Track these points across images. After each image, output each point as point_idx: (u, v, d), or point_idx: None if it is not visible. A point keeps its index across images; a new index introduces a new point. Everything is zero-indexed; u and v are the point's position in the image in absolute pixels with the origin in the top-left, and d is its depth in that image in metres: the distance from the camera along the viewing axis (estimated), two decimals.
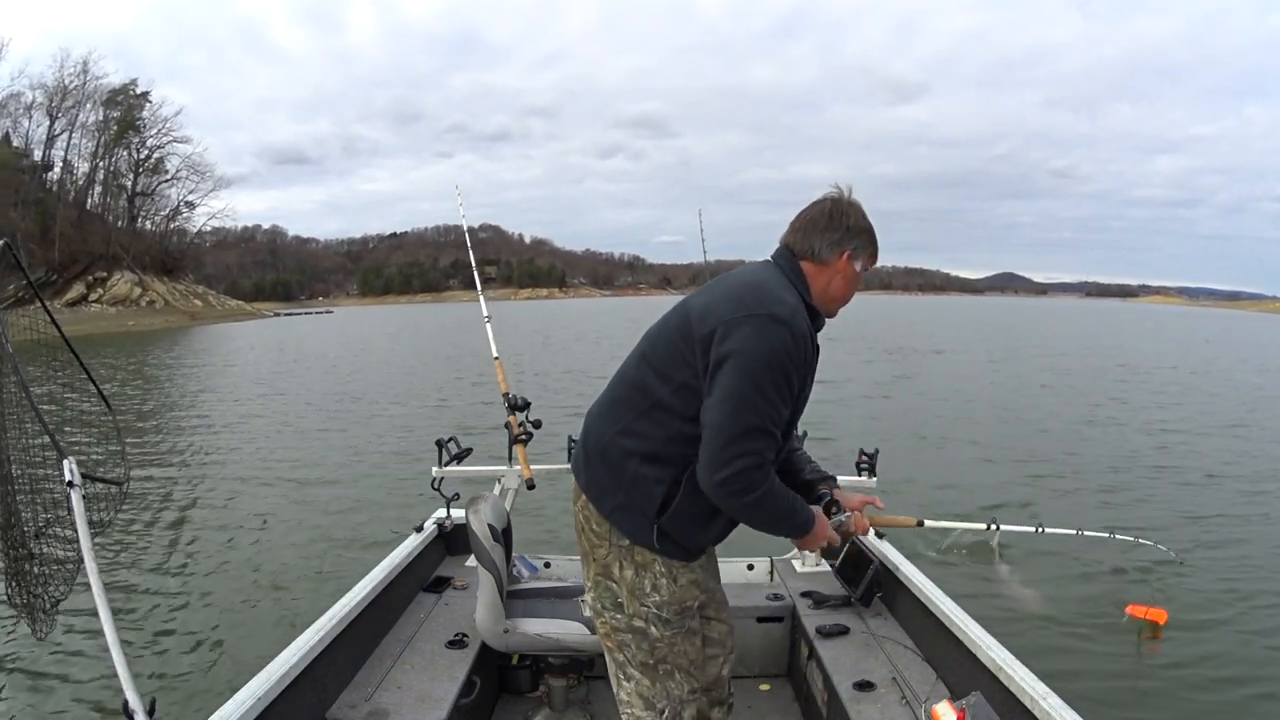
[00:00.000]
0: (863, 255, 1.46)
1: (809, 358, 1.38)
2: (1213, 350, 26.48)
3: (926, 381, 15.72)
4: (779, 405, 1.32)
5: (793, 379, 1.33)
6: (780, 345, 1.30)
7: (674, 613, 1.48)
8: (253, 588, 4.51)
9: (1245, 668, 3.62)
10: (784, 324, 1.31)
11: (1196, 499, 6.74)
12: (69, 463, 1.28)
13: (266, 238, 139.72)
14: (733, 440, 1.29)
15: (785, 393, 1.32)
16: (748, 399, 1.28)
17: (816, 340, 1.43)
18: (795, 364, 1.33)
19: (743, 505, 1.35)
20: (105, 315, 44.80)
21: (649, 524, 1.43)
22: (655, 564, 1.47)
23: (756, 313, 1.31)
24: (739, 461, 1.29)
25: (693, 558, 1.50)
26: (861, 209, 1.47)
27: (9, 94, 46.06)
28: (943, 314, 61.08)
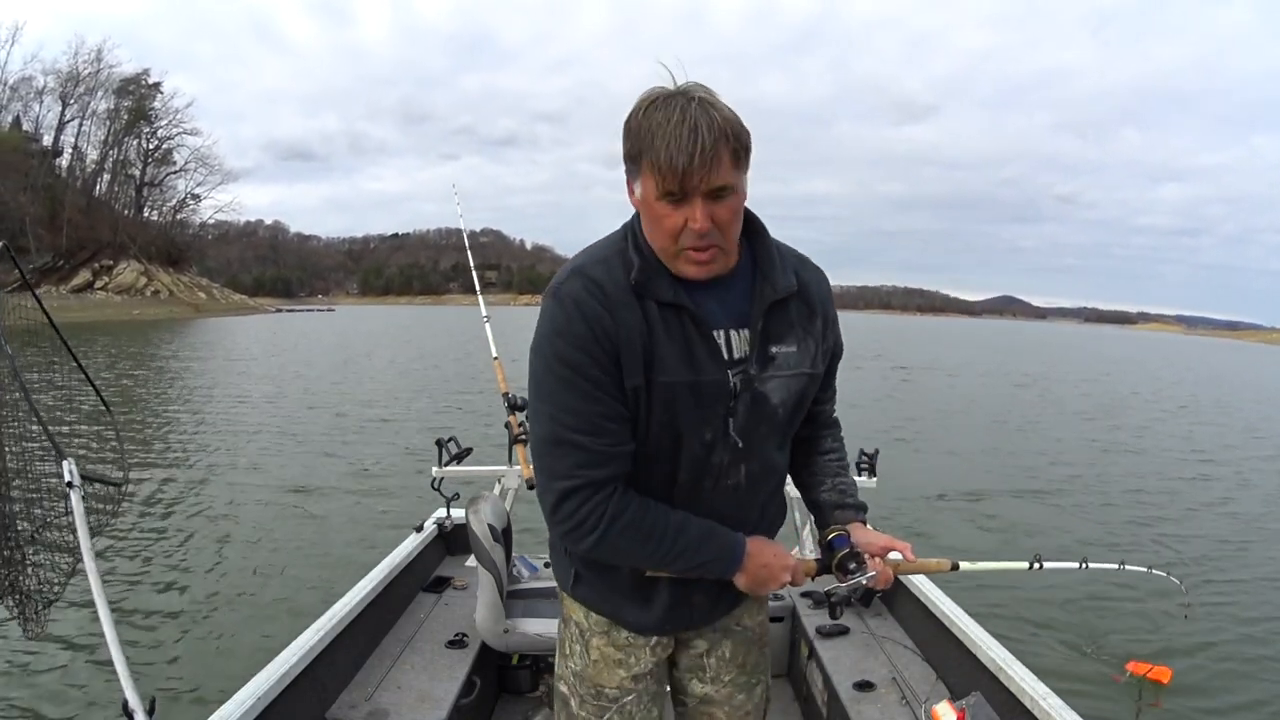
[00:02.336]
0: (634, 171, 0.93)
1: (607, 327, 0.93)
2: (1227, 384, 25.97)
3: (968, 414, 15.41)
4: (575, 402, 0.94)
5: (580, 360, 0.93)
6: (550, 325, 0.95)
7: (588, 691, 1.15)
8: (253, 587, 4.52)
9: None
10: (552, 295, 0.97)
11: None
12: (68, 463, 1.28)
13: (269, 233, 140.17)
14: (539, 464, 0.99)
15: (577, 383, 0.93)
16: (536, 406, 0.98)
17: (680, 304, 0.96)
18: (577, 340, 0.93)
19: (593, 549, 0.98)
20: (110, 303, 45.03)
21: (569, 563, 1.14)
22: (571, 622, 1.17)
23: (544, 298, 1.00)
24: (553, 489, 0.97)
25: (627, 626, 1.13)
26: (641, 107, 0.90)
27: (21, 78, 46.37)
28: (947, 336, 60.51)
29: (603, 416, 0.95)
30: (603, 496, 0.96)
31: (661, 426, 0.98)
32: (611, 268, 0.98)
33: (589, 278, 0.97)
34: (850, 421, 1.26)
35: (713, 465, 1.03)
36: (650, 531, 0.98)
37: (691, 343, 0.97)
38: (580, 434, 0.95)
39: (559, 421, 0.95)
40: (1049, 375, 23.75)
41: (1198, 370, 32.65)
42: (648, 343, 0.95)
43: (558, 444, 0.96)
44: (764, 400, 1.02)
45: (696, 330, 0.98)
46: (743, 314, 1.01)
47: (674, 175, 0.87)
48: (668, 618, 1.12)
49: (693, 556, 1.01)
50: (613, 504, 0.96)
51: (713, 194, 0.90)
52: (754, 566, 1.04)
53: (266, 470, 7.59)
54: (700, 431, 1.00)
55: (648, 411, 0.97)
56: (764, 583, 1.06)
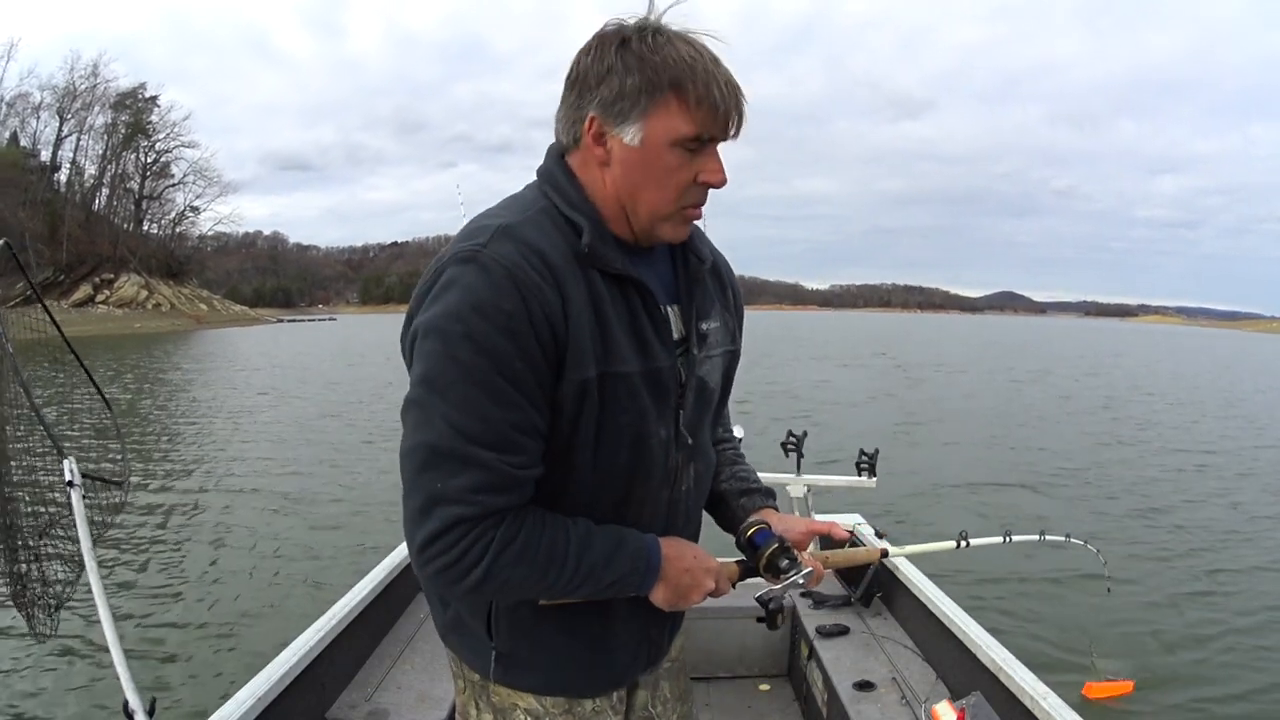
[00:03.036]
0: (619, 114, 0.76)
1: (550, 306, 0.74)
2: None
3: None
4: (484, 404, 0.72)
5: (502, 349, 0.72)
6: (465, 298, 0.72)
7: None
8: (253, 588, 4.52)
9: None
10: (469, 260, 0.74)
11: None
12: (69, 462, 1.28)
13: (268, 244, 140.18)
14: (411, 485, 0.74)
15: (491, 379, 0.72)
16: (425, 405, 0.74)
17: (632, 275, 0.80)
18: (504, 320, 0.72)
19: (474, 591, 0.76)
20: (112, 317, 45.10)
21: (487, 648, 0.89)
22: (517, 711, 0.91)
23: (443, 265, 0.77)
24: (435, 517, 0.73)
25: (583, 694, 0.92)
26: (609, 37, 0.76)
27: (17, 94, 46.61)
28: (948, 334, 60.32)
29: (517, 428, 0.74)
30: (491, 524, 0.74)
31: (619, 430, 0.79)
32: (547, 231, 0.77)
33: (524, 241, 0.75)
34: (853, 421, 1.26)
35: (669, 470, 0.86)
36: (548, 558, 0.77)
37: (639, 323, 0.81)
38: (484, 448, 0.72)
39: (459, 429, 0.72)
40: (1055, 371, 23.69)
41: (1200, 361, 32.64)
42: (601, 323, 0.77)
43: (450, 458, 0.72)
44: (704, 386, 0.89)
45: (644, 307, 0.81)
46: (670, 288, 0.88)
47: (716, 117, 0.75)
48: (636, 652, 0.94)
49: (601, 576, 0.80)
50: (501, 533, 0.74)
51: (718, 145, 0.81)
52: (675, 572, 0.85)
53: (267, 472, 7.61)
54: (656, 430, 0.83)
55: (606, 411, 0.78)
56: (686, 592, 0.86)
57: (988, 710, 1.70)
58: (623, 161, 0.79)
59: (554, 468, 0.80)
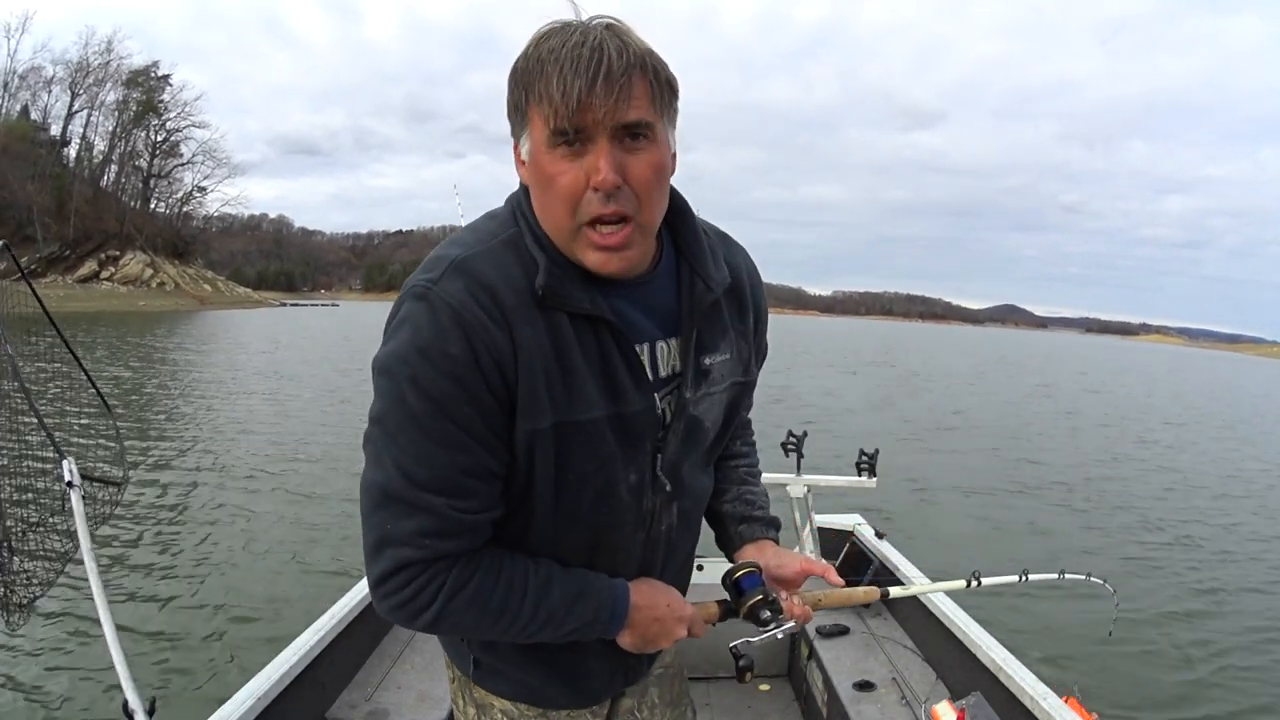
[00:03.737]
0: (520, 124, 0.71)
1: (498, 350, 0.69)
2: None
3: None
4: (430, 448, 0.69)
5: (448, 393, 0.68)
6: (412, 338, 0.69)
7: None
8: (253, 587, 4.51)
9: None
10: (418, 296, 0.70)
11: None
12: (68, 463, 1.27)
13: (273, 227, 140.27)
14: (366, 523, 0.73)
15: (438, 424, 0.69)
16: (376, 445, 0.72)
17: (599, 315, 0.73)
18: (449, 364, 0.68)
19: (430, 628, 0.75)
20: (116, 294, 45.27)
21: (464, 649, 0.91)
22: (494, 709, 0.92)
23: (402, 298, 0.73)
24: (385, 558, 0.71)
25: (557, 706, 0.91)
26: (537, 36, 0.68)
27: (30, 67, 46.68)
28: (949, 345, 60.01)
29: (467, 472, 0.71)
30: (442, 568, 0.72)
31: (581, 478, 0.75)
32: (505, 265, 0.72)
33: (475, 278, 0.70)
34: (856, 426, 1.21)
35: (643, 514, 0.82)
36: (502, 605, 0.74)
37: (611, 365, 0.74)
38: (432, 493, 0.70)
39: (406, 473, 0.69)
40: (1059, 385, 23.68)
41: (1197, 382, 32.57)
42: (559, 368, 0.71)
43: (399, 501, 0.70)
44: (697, 425, 0.83)
45: (617, 348, 0.75)
46: (670, 319, 0.80)
47: (567, 106, 0.64)
48: (611, 679, 0.92)
49: (561, 623, 0.77)
50: (454, 575, 0.72)
51: (622, 134, 0.66)
52: (643, 621, 0.82)
53: (269, 470, 7.59)
54: (625, 475, 0.78)
55: (564, 460, 0.74)
56: (655, 640, 0.84)
57: (987, 710, 1.70)
58: (529, 180, 0.73)
59: (516, 510, 0.77)
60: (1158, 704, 3.64)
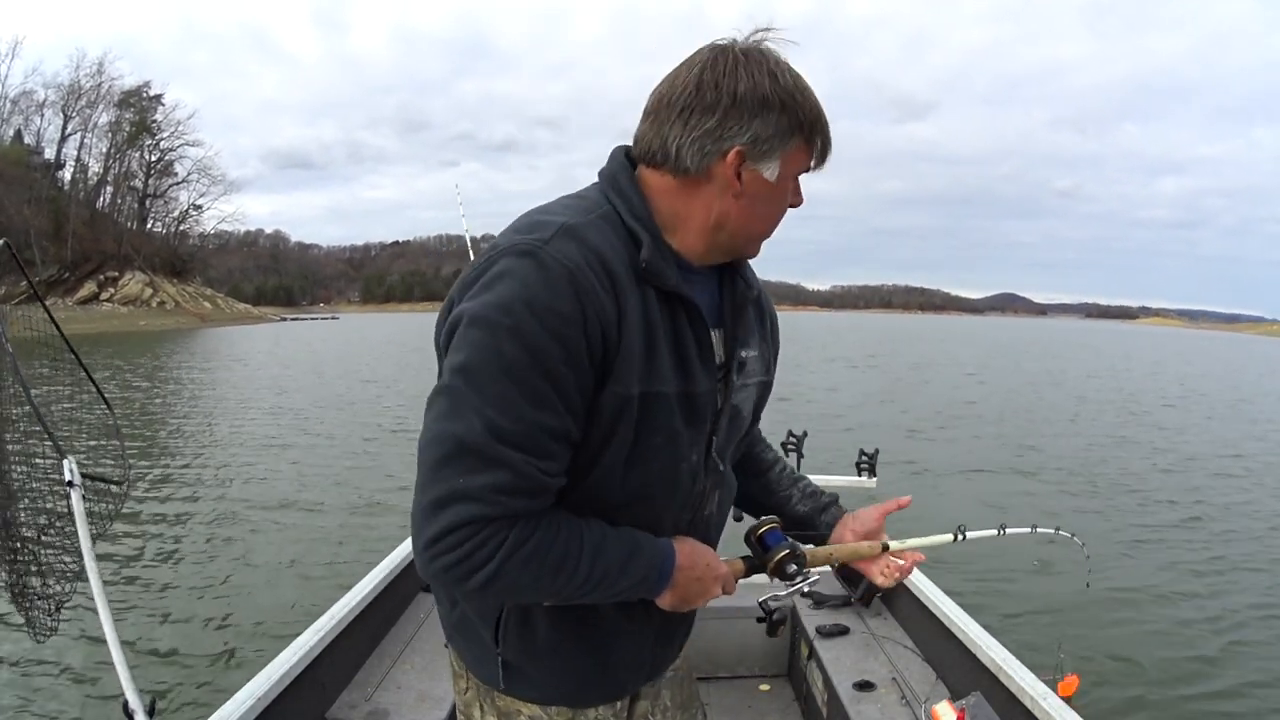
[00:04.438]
0: (768, 151, 0.76)
1: (606, 314, 0.71)
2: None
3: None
4: (521, 403, 0.69)
5: (549, 350, 0.69)
6: (519, 291, 0.69)
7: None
8: (253, 588, 4.53)
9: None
10: (527, 254, 0.70)
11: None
12: (69, 462, 1.28)
13: (269, 242, 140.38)
14: (430, 477, 0.70)
15: (532, 379, 0.69)
16: (457, 396, 0.70)
17: (684, 295, 0.77)
18: (556, 320, 0.68)
19: (479, 591, 0.72)
20: (117, 314, 45.29)
21: (493, 655, 0.88)
22: (521, 716, 0.91)
23: (497, 254, 0.72)
24: (450, 513, 0.69)
25: (587, 704, 0.91)
26: (766, 62, 0.75)
27: (21, 91, 46.79)
28: (950, 335, 59.57)
29: (550, 433, 0.70)
30: (505, 525, 0.70)
31: (651, 451, 0.77)
32: (609, 238, 0.74)
33: (585, 243, 0.72)
34: (863, 421, 1.22)
35: (695, 495, 0.86)
36: (559, 563, 0.73)
37: (685, 345, 0.78)
38: (513, 448, 0.69)
39: (490, 425, 0.68)
40: (1067, 373, 23.58)
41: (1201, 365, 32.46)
42: (652, 340, 0.75)
43: (477, 454, 0.68)
44: (737, 413, 0.88)
45: (692, 329, 0.78)
46: (714, 312, 0.85)
47: (825, 141, 0.79)
48: (636, 674, 0.94)
49: (614, 583, 0.78)
50: (515, 534, 0.70)
51: None
52: (685, 580, 0.83)
53: (269, 471, 7.62)
54: (688, 454, 0.81)
55: (640, 431, 0.75)
56: (693, 599, 0.85)
57: (987, 710, 1.70)
58: (754, 194, 0.78)
59: (578, 480, 0.77)
60: (1158, 682, 3.64)
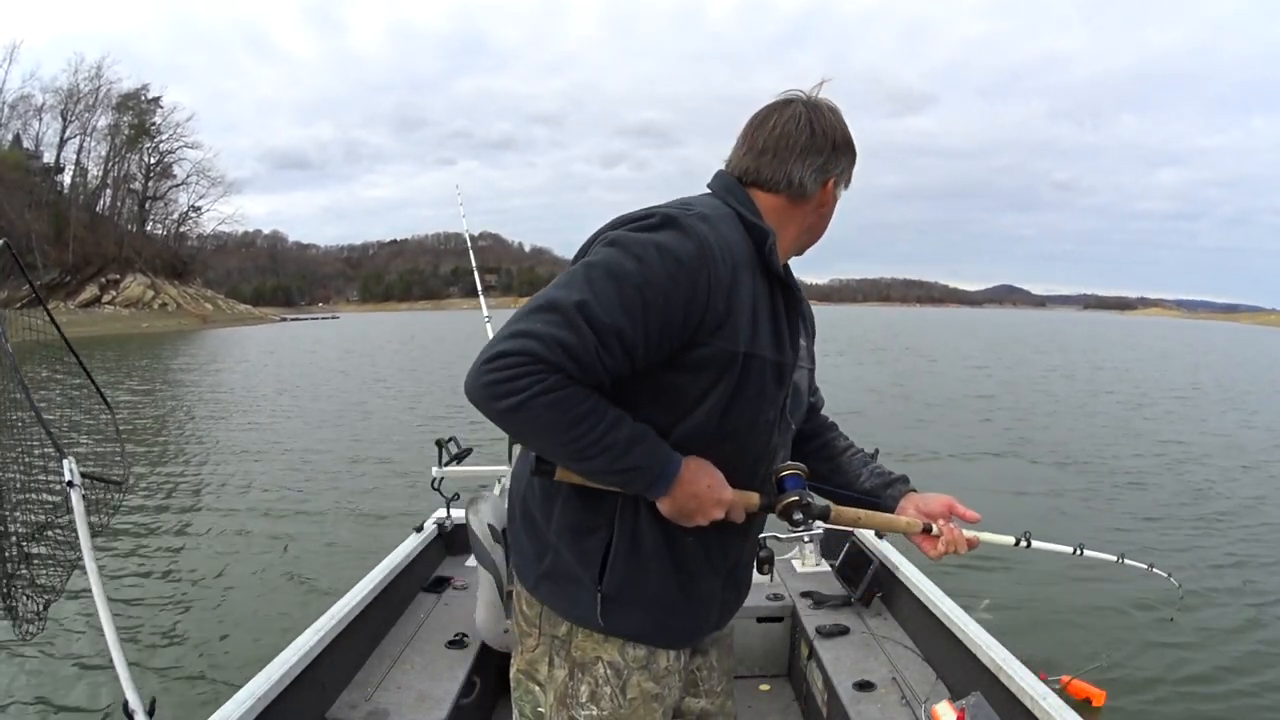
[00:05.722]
0: (845, 178, 1.06)
1: (719, 282, 0.88)
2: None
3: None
4: (614, 303, 0.83)
5: (661, 283, 0.85)
6: (655, 238, 0.87)
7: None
8: (253, 588, 4.53)
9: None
10: (672, 223, 0.88)
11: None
12: (69, 462, 1.28)
13: (267, 243, 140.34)
14: (516, 317, 0.85)
15: (637, 294, 0.84)
16: (573, 277, 0.86)
17: (794, 287, 1.01)
18: (674, 269, 0.85)
19: (504, 415, 0.83)
20: (119, 317, 45.34)
21: (591, 593, 0.99)
22: (599, 664, 1.02)
23: (653, 211, 0.92)
24: (508, 342, 0.81)
25: (668, 642, 1.04)
26: (840, 114, 1.04)
27: (19, 96, 46.78)
28: (950, 328, 58.67)
29: (622, 336, 0.84)
30: (550, 369, 0.81)
31: (746, 402, 0.95)
32: (733, 229, 0.94)
33: (716, 227, 0.91)
34: (871, 418, 1.21)
35: (771, 447, 1.04)
36: (580, 417, 0.83)
37: (781, 323, 0.98)
38: (589, 325, 0.82)
39: (583, 302, 0.82)
40: (1074, 364, 23.38)
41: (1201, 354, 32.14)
42: (759, 313, 0.94)
43: (562, 313, 0.82)
44: (798, 389, 1.08)
45: (788, 312, 0.99)
46: None
47: (853, 169, 1.07)
48: (708, 616, 1.07)
49: (618, 457, 0.87)
50: (554, 380, 0.81)
51: None
52: (683, 494, 0.92)
53: (269, 471, 7.62)
54: (770, 411, 1.00)
55: (741, 384, 0.93)
56: (691, 514, 0.94)
57: (987, 710, 1.70)
58: (829, 209, 1.07)
59: (685, 416, 0.94)
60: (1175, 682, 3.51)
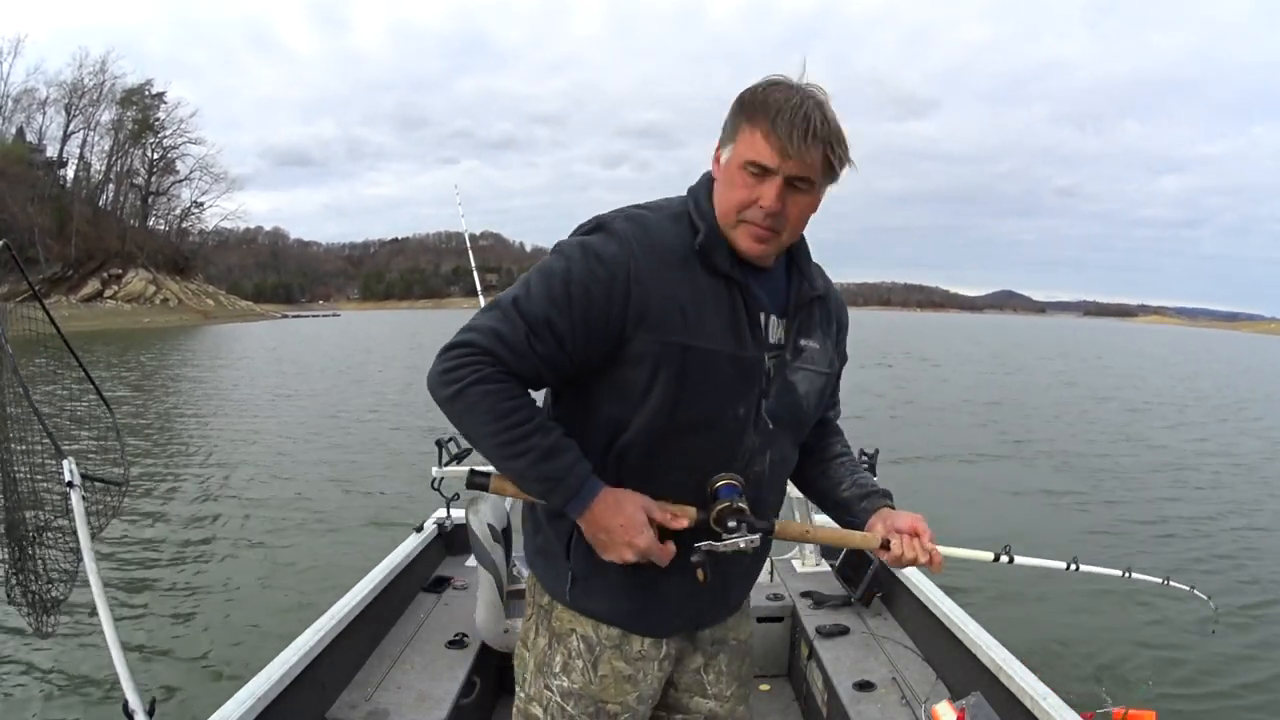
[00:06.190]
0: (734, 137, 0.95)
1: (638, 275, 0.93)
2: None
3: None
4: (543, 297, 0.93)
5: (581, 278, 0.92)
6: (583, 242, 0.96)
7: (583, 710, 1.08)
8: (253, 587, 4.54)
9: None
10: (602, 224, 0.97)
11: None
12: (69, 463, 1.29)
13: (268, 239, 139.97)
14: (477, 315, 0.98)
15: (561, 288, 0.93)
16: (519, 283, 0.98)
17: (739, 280, 0.98)
18: (594, 265, 0.93)
19: (447, 402, 0.93)
20: (121, 311, 45.43)
21: (564, 571, 1.06)
22: (573, 636, 1.08)
23: (589, 221, 1.01)
24: (458, 336, 0.94)
25: (635, 628, 1.08)
26: (768, 83, 0.94)
27: (23, 90, 46.86)
28: (950, 333, 58.19)
29: (551, 326, 0.93)
30: (489, 361, 0.92)
31: (697, 394, 0.97)
32: (666, 227, 0.98)
33: (642, 226, 0.97)
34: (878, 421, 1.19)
35: (744, 448, 1.02)
36: (507, 413, 0.92)
37: (737, 317, 0.99)
38: (521, 317, 0.93)
39: (518, 298, 0.94)
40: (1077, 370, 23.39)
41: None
42: (694, 307, 0.95)
43: (500, 309, 0.95)
44: (793, 389, 1.06)
45: (745, 307, 0.99)
46: (781, 305, 1.05)
47: (772, 149, 0.91)
48: (678, 614, 1.08)
49: (537, 461, 0.93)
50: (491, 372, 0.92)
51: (794, 183, 0.93)
52: (594, 524, 0.96)
53: (269, 472, 7.63)
54: (735, 406, 1.00)
55: (685, 376, 0.95)
56: (601, 547, 0.97)
57: (987, 710, 1.70)
58: (719, 176, 0.99)
59: (636, 409, 0.97)
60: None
